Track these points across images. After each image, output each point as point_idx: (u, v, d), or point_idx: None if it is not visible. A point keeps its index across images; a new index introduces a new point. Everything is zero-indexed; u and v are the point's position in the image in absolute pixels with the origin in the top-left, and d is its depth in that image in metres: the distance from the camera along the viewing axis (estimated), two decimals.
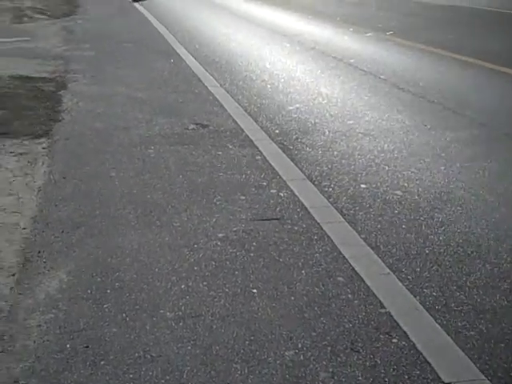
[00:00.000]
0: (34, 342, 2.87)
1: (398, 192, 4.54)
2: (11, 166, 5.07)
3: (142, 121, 6.38)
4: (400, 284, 3.32)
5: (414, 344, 2.81)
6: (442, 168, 5.01)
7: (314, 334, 2.91)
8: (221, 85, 7.96)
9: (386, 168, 5.02)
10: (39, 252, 3.67)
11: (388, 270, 3.45)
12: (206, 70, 8.92)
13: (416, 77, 8.30)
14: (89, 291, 3.27)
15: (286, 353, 2.78)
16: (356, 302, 3.16)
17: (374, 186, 4.68)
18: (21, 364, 2.72)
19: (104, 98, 7.33)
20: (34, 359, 2.75)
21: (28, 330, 2.95)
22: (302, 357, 2.75)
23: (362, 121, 6.34)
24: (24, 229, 3.99)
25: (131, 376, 2.64)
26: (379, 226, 4.00)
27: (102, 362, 2.73)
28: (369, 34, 12.38)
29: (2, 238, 3.85)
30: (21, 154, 5.37)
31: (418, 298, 3.20)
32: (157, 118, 6.46)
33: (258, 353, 2.78)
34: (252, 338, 2.88)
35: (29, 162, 5.18)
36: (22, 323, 3.00)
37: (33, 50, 10.72)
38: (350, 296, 3.21)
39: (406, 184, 4.68)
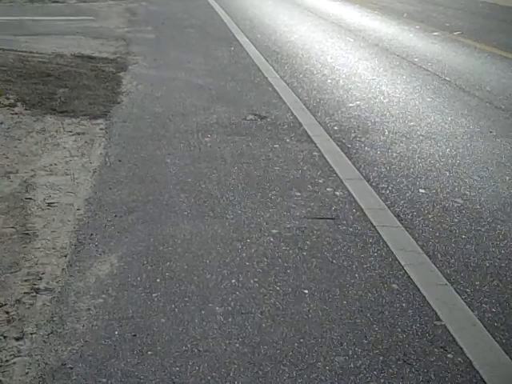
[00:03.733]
0: (83, 325, 2.86)
1: (459, 200, 4.39)
2: (68, 146, 5.09)
3: (199, 108, 6.34)
4: (457, 296, 3.20)
5: (470, 361, 2.70)
6: (507, 178, 4.82)
7: (365, 341, 2.82)
8: (281, 76, 7.86)
9: (447, 174, 4.87)
10: (92, 235, 3.67)
11: (445, 281, 3.33)
12: (267, 60, 8.83)
13: (483, 80, 8.05)
14: (139, 279, 3.24)
15: (336, 359, 2.70)
16: (410, 311, 3.05)
17: (433, 191, 4.53)
18: (69, 347, 2.71)
19: (163, 83, 7.32)
20: (82, 343, 2.74)
21: (78, 314, 2.94)
22: (352, 364, 2.67)
23: (423, 123, 6.17)
24: (78, 210, 3.99)
25: (177, 369, 2.60)
26: (437, 234, 3.87)
27: (149, 353, 2.69)
28: (435, 33, 12.08)
29: (56, 217, 3.86)
30: (78, 133, 5.39)
31: (475, 312, 3.07)
32: (215, 105, 6.42)
33: (307, 356, 2.71)
34: (301, 340, 2.81)
35: (86, 142, 5.20)
36: (72, 306, 3.00)
37: (96, 30, 10.81)
38: (404, 305, 3.11)
39: (467, 192, 4.53)
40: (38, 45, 9.08)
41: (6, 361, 2.60)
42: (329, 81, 7.82)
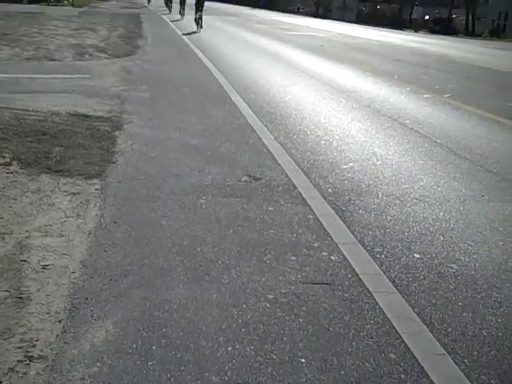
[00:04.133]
0: None
1: (454, 265, 4.40)
2: (64, 206, 5.09)
3: (194, 169, 6.37)
4: (456, 367, 3.18)
5: None
6: (501, 243, 4.85)
7: None
8: (275, 137, 7.93)
9: (441, 238, 4.89)
10: (87, 299, 3.64)
11: (443, 351, 3.31)
12: (261, 120, 8.92)
13: (474, 144, 8.16)
14: (134, 346, 3.21)
15: None
16: (409, 383, 3.02)
17: (428, 256, 4.54)
18: None
19: (158, 142, 7.37)
20: None
21: None
22: None
23: (416, 185, 6.22)
24: (73, 273, 3.96)
25: None
26: (434, 301, 3.86)
27: None
28: (426, 96, 12.31)
29: (51, 281, 3.83)
30: (74, 193, 5.40)
31: None
32: (209, 166, 6.45)
33: None
34: None
35: (81, 202, 5.20)
36: (65, 375, 2.95)
37: (91, 88, 10.92)
38: (402, 376, 3.08)
39: (461, 257, 4.54)
40: (33, 103, 9.15)
41: None
42: (322, 142, 7.91)
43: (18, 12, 32.68)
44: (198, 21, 27.77)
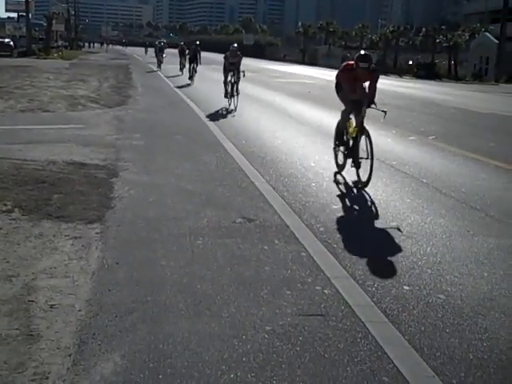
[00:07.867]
0: None
1: (441, 296, 4.63)
2: (66, 249, 5.30)
3: (190, 212, 6.60)
4: None
5: None
6: (485, 274, 5.09)
7: None
8: (266, 181, 8.21)
9: (429, 271, 5.13)
10: (94, 334, 3.83)
11: (433, 373, 3.52)
12: (253, 165, 9.20)
13: (458, 182, 8.48)
14: (142, 375, 3.40)
15: None
16: None
17: (417, 288, 4.77)
18: None
19: (154, 188, 7.62)
20: None
21: None
22: None
23: (404, 223, 6.48)
24: (79, 311, 4.16)
25: None
26: (423, 329, 4.08)
27: None
28: (411, 138, 12.69)
29: (59, 319, 4.03)
30: (75, 237, 5.62)
31: None
32: (205, 210, 6.69)
33: None
34: None
35: (83, 246, 5.41)
36: None
37: (86, 138, 11.21)
38: None
39: (448, 288, 4.77)
40: (31, 152, 9.41)
41: None
42: (313, 184, 8.18)
43: (10, 65, 33.29)
44: (192, 72, 27.90)
